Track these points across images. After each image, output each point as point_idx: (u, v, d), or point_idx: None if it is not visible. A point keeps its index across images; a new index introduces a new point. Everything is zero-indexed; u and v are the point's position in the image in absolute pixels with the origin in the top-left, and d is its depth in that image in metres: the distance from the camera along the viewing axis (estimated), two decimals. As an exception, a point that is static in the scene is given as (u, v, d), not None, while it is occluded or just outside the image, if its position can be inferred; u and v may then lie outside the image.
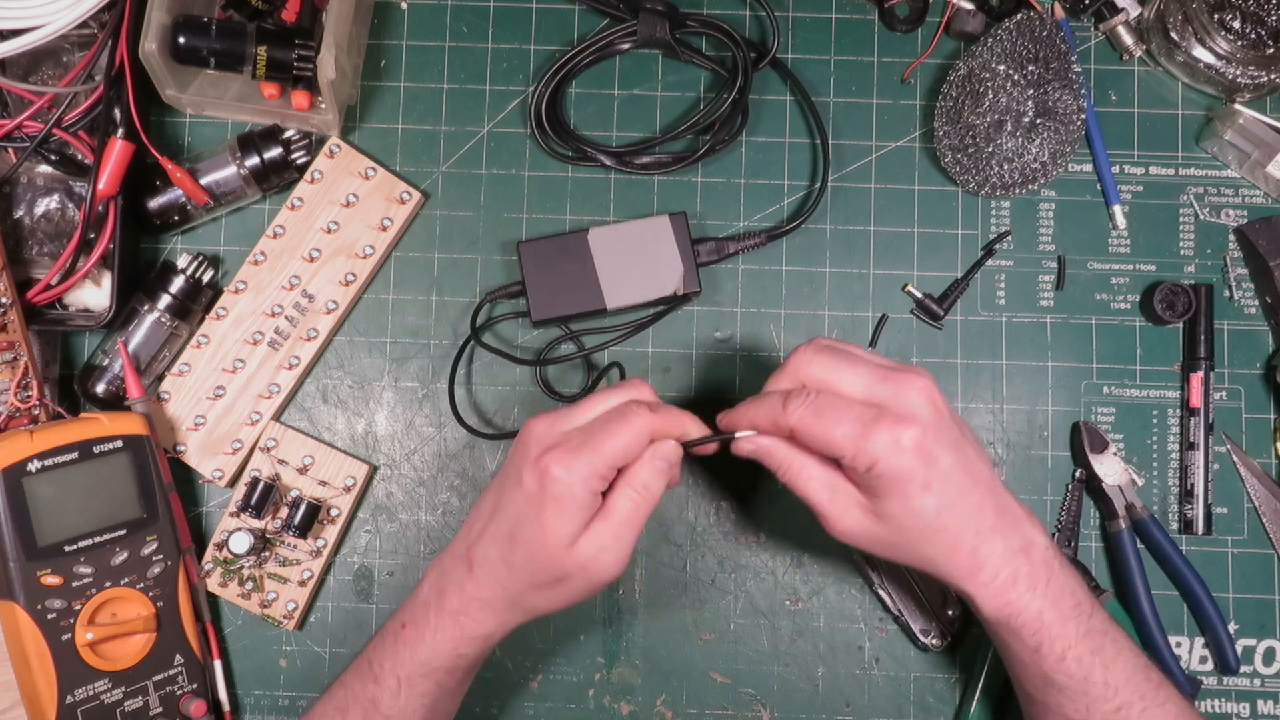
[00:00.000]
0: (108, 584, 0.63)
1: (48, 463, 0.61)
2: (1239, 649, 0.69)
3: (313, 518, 0.68)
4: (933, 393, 0.52)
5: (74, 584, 0.61)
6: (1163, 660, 0.67)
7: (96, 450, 0.63)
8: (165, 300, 0.68)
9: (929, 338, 0.72)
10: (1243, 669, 0.69)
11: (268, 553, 0.69)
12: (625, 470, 0.54)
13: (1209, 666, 0.69)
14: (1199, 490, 0.69)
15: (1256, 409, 0.71)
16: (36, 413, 0.65)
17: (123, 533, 0.63)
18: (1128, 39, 0.72)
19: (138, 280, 0.69)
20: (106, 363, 0.68)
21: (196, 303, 0.69)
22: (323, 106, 0.69)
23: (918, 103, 0.73)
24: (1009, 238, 0.72)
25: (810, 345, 0.55)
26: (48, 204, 0.68)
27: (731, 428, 0.56)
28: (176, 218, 0.69)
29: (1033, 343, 0.72)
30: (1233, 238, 0.72)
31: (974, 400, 0.71)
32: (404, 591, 0.64)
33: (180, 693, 0.65)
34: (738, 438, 0.55)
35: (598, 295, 0.69)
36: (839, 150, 0.73)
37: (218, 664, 0.68)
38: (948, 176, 0.72)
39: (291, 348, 0.70)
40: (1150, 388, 0.71)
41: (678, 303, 0.70)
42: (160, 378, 0.70)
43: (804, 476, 0.54)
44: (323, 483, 0.69)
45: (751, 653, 0.70)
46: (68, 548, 0.61)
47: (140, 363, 0.68)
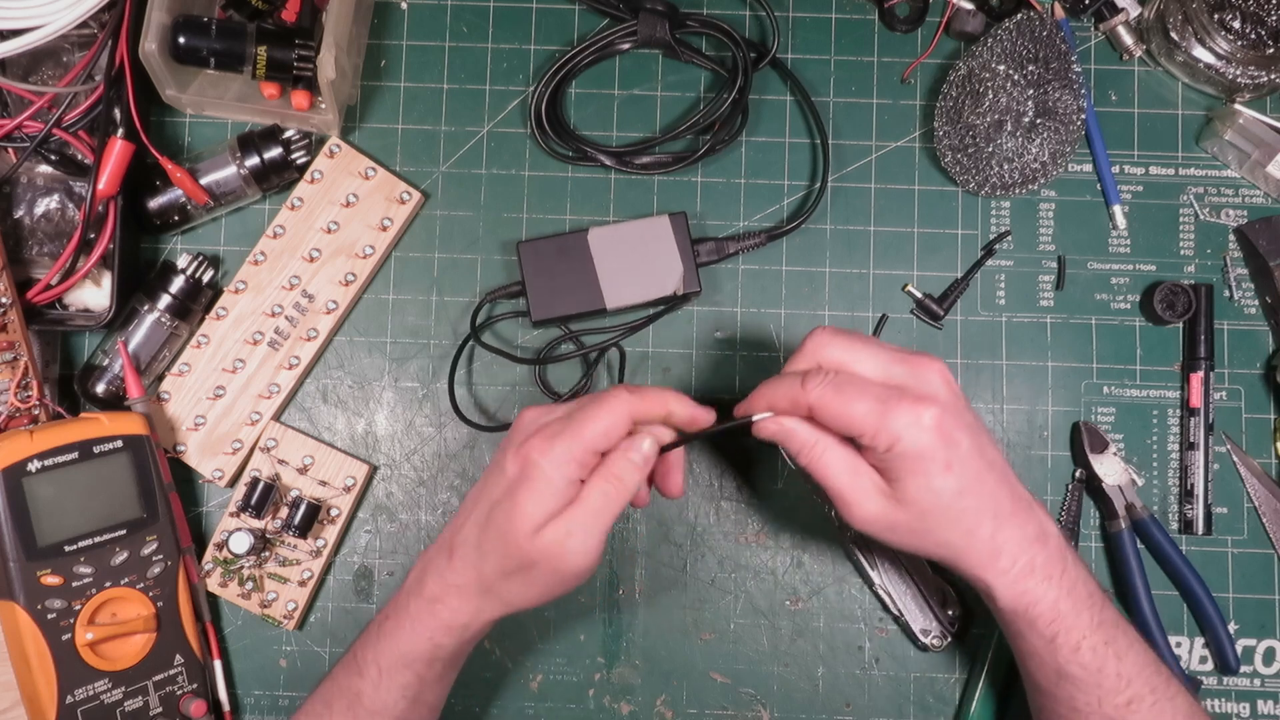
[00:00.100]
0: (108, 584, 0.63)
1: (48, 463, 0.61)
2: (1239, 649, 0.69)
3: (313, 518, 0.68)
4: (948, 376, 0.52)
5: (74, 584, 0.61)
6: (1163, 660, 0.67)
7: (96, 450, 0.63)
8: (165, 300, 0.68)
9: (929, 338, 0.72)
10: (1243, 669, 0.69)
11: (268, 553, 0.69)
12: (604, 459, 0.54)
13: (1209, 666, 0.69)
14: (1199, 490, 0.69)
15: (1256, 409, 0.71)
16: (36, 413, 0.65)
17: (123, 533, 0.63)
18: (1128, 39, 0.72)
19: (138, 280, 0.69)
20: (106, 363, 0.68)
21: (196, 303, 0.69)
22: (323, 106, 0.69)
23: (918, 103, 0.73)
24: (1009, 238, 0.72)
25: (826, 329, 0.55)
26: (48, 204, 0.68)
27: (749, 412, 0.55)
28: (176, 218, 0.69)
29: (1033, 343, 0.72)
30: (1233, 238, 0.72)
31: (974, 400, 0.71)
32: (404, 591, 0.64)
33: (180, 693, 0.65)
34: (756, 420, 0.54)
35: (597, 295, 0.69)
36: (839, 150, 0.73)
37: (218, 664, 0.68)
38: (948, 176, 0.72)
39: (291, 348, 0.70)
40: (1150, 388, 0.71)
41: (678, 303, 0.70)
42: (160, 378, 0.70)
43: (826, 459, 0.53)
44: (323, 483, 0.69)
45: (751, 653, 0.70)
46: (68, 548, 0.61)
47: (140, 363, 0.68)
